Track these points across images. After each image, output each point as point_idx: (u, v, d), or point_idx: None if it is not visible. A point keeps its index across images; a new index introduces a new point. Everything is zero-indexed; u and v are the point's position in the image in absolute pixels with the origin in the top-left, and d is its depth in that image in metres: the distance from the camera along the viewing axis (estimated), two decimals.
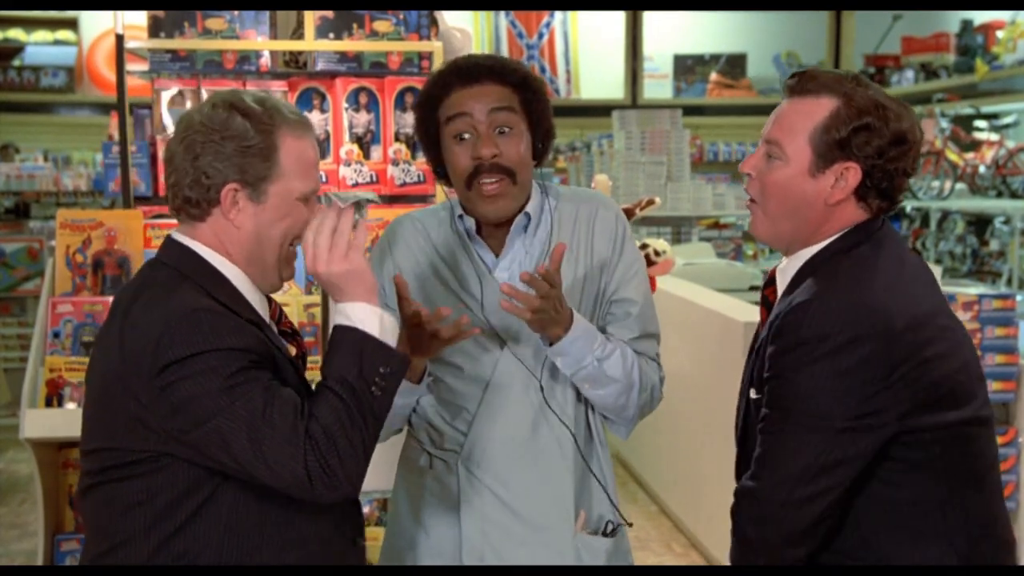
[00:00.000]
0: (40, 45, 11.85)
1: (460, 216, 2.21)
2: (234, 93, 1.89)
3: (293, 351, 1.98)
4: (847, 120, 1.87)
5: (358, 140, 3.64)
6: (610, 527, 2.24)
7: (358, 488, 1.79)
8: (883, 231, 1.94)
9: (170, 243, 1.90)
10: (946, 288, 4.45)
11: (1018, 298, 4.15)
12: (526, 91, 2.16)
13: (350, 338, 1.81)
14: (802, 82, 1.93)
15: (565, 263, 2.17)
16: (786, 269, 1.98)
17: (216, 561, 1.79)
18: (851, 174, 1.88)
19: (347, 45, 3.59)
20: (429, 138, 2.21)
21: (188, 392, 1.72)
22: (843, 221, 1.92)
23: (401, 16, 3.62)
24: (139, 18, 3.68)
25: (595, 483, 2.24)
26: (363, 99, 3.64)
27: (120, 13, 3.62)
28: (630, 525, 2.30)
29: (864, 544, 1.87)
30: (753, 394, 1.94)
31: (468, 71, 2.14)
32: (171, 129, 3.55)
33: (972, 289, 5.28)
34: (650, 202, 3.84)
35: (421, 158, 3.62)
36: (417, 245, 2.24)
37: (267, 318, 1.94)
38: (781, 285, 1.99)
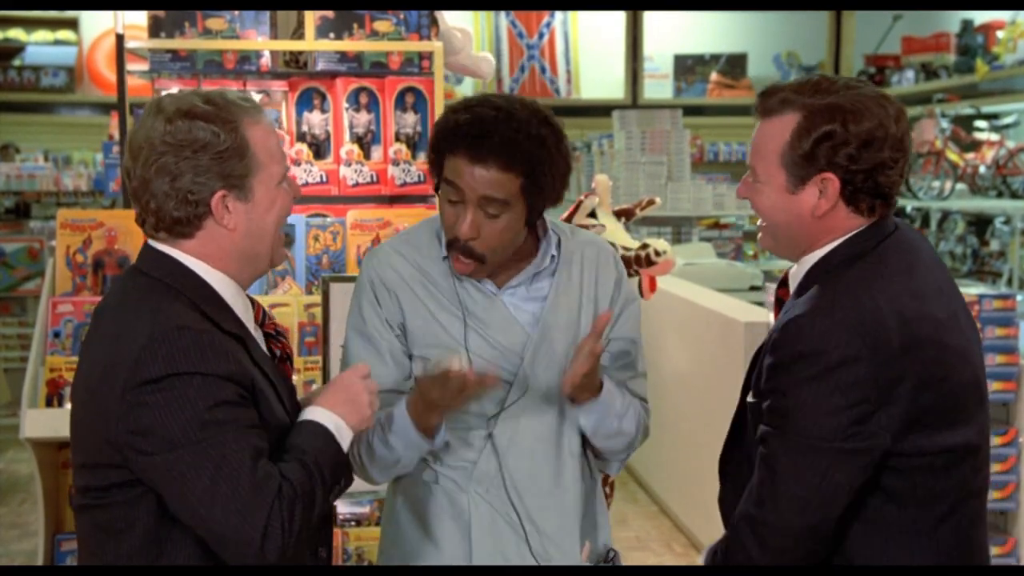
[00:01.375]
0: (40, 45, 11.85)
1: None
2: (179, 99, 1.81)
3: (277, 353, 1.97)
4: (808, 133, 1.83)
5: (358, 140, 3.64)
6: (611, 555, 2.28)
7: (282, 557, 1.73)
8: (892, 239, 1.89)
9: (150, 252, 1.85)
10: None
11: (1018, 298, 4.15)
12: (534, 175, 2.04)
13: (332, 443, 1.82)
14: (764, 102, 1.91)
15: (570, 300, 2.19)
16: (796, 274, 1.96)
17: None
18: (830, 184, 1.85)
19: (347, 45, 3.59)
20: (434, 168, 2.13)
21: (159, 416, 1.67)
22: (841, 227, 1.89)
23: (401, 16, 3.62)
24: (139, 18, 3.68)
25: (598, 513, 2.27)
26: (363, 99, 3.64)
27: (120, 13, 3.62)
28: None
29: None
30: (750, 397, 1.93)
31: (477, 145, 2.01)
32: None
33: (972, 289, 5.29)
34: (650, 202, 3.84)
35: (421, 158, 3.63)
36: (411, 276, 2.17)
37: (251, 325, 1.92)
38: (792, 288, 1.97)
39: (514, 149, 2.01)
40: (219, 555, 1.73)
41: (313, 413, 1.85)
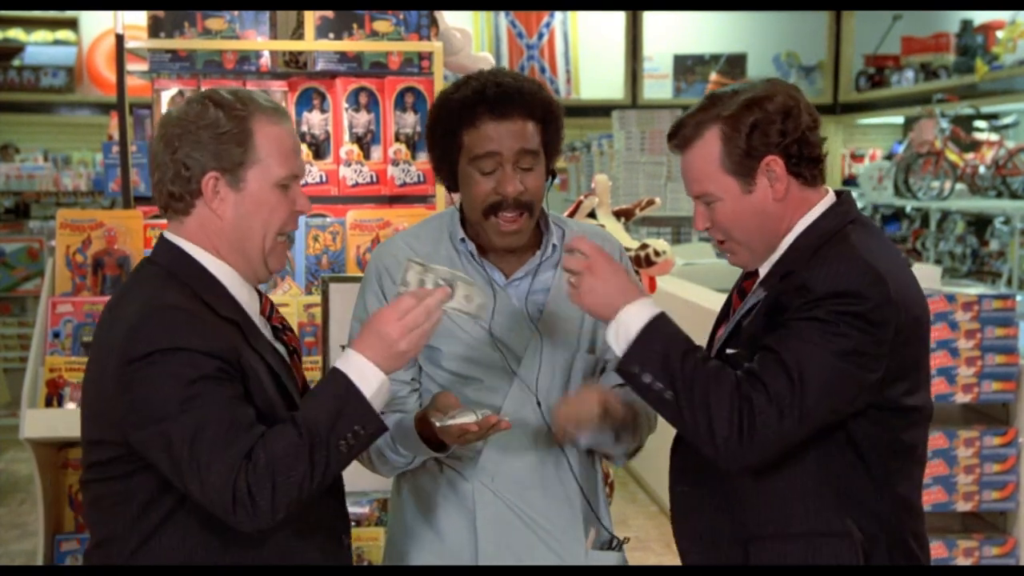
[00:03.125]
0: (40, 45, 11.86)
1: (463, 240, 2.19)
2: (212, 90, 1.93)
3: (283, 350, 1.99)
4: (737, 134, 1.95)
5: (358, 140, 3.64)
6: (615, 542, 2.29)
7: (277, 522, 1.75)
8: (860, 221, 2.01)
9: (161, 242, 1.94)
10: (946, 288, 4.44)
11: (1018, 298, 4.15)
12: (548, 124, 2.14)
13: (341, 386, 1.80)
14: (680, 135, 2.01)
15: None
16: (772, 257, 2.05)
17: (200, 555, 1.82)
18: (775, 165, 1.96)
19: (347, 45, 3.59)
20: (445, 155, 2.16)
21: (144, 391, 1.75)
22: (800, 202, 1.99)
23: (401, 16, 3.62)
24: (139, 18, 3.68)
25: (600, 504, 2.29)
26: (363, 99, 3.64)
27: (120, 13, 3.62)
28: (626, 540, 2.33)
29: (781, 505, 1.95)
30: (728, 350, 2.03)
31: (499, 104, 2.09)
32: None
33: (972, 289, 5.28)
34: (650, 202, 3.85)
35: (421, 158, 3.63)
36: None
37: (256, 315, 1.95)
38: (764, 269, 2.05)
39: (530, 98, 2.11)
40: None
41: (341, 359, 1.85)
